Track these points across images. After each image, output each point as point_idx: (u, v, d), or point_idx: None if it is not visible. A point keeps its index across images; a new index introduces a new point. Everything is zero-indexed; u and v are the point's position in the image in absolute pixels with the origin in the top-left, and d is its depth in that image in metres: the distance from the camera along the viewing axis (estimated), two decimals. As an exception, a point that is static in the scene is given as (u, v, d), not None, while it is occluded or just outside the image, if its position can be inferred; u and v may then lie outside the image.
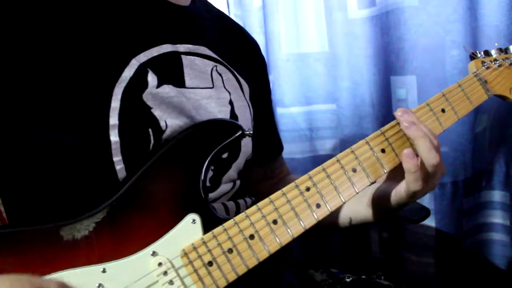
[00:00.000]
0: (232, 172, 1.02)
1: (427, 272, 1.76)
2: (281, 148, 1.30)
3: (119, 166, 0.84)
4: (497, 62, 1.01)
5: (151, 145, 0.86)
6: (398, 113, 0.85)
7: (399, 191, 0.88)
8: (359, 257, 1.88)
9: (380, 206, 0.96)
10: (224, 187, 1.00)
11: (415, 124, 0.83)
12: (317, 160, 1.80)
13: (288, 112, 1.81)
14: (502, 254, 1.73)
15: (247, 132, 0.87)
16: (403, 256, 1.80)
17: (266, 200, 0.79)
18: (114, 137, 0.84)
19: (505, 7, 1.50)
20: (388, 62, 1.69)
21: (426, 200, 1.69)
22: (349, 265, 1.89)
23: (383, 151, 0.85)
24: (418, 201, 1.44)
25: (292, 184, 0.81)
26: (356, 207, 1.01)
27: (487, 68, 0.99)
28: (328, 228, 1.08)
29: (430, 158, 0.82)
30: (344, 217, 1.05)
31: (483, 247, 1.76)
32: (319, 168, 0.83)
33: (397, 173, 0.87)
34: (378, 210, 0.97)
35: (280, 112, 1.81)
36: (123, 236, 0.76)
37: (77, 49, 0.84)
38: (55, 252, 0.73)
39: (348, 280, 1.16)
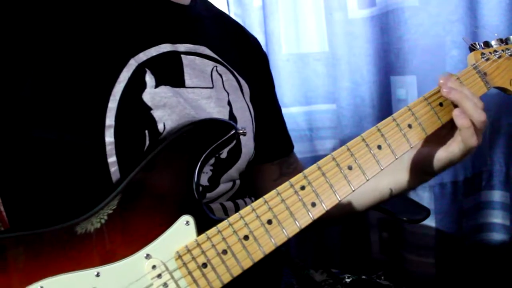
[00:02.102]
0: (233, 172, 1.02)
1: (427, 272, 1.76)
2: (292, 144, 1.30)
3: (114, 168, 0.84)
4: (497, 53, 0.98)
5: (145, 146, 0.86)
6: (440, 80, 0.89)
7: (451, 151, 0.90)
8: (359, 257, 1.88)
9: (424, 168, 0.96)
10: (223, 187, 1.00)
11: (454, 88, 0.87)
12: (317, 160, 1.79)
13: (288, 112, 1.81)
14: (502, 254, 1.73)
15: (241, 131, 0.86)
16: (403, 256, 1.80)
17: (260, 200, 0.78)
18: (109, 137, 0.83)
19: (505, 7, 1.50)
20: (388, 62, 1.69)
21: (426, 200, 1.69)
22: (349, 265, 1.89)
23: (379, 147, 0.85)
24: (418, 201, 1.45)
25: (286, 183, 0.80)
26: (396, 175, 1.01)
27: (487, 60, 0.96)
28: (368, 206, 1.09)
29: (478, 115, 0.85)
30: (383, 189, 1.04)
31: (483, 247, 1.76)
32: (314, 166, 0.82)
33: (438, 138, 0.92)
34: (420, 175, 0.98)
35: (280, 112, 1.82)
36: (116, 239, 0.75)
37: (75, 49, 0.84)
38: (48, 257, 0.73)
39: (348, 280, 1.15)
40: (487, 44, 1.01)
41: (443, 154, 0.92)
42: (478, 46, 0.99)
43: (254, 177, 1.16)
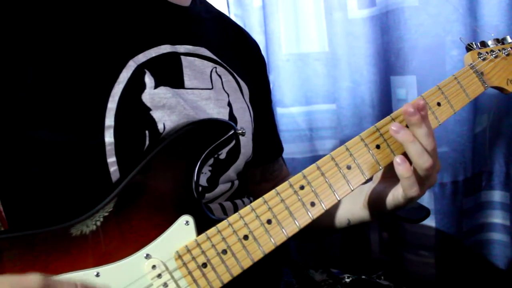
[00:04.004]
0: (231, 173, 1.02)
1: (427, 272, 1.75)
2: (280, 150, 1.29)
3: (113, 168, 0.84)
4: (494, 53, 0.99)
5: (145, 147, 0.86)
6: (405, 108, 0.82)
7: (396, 196, 0.87)
8: (359, 257, 1.88)
9: (377, 207, 0.95)
10: (222, 187, 1.00)
11: (403, 128, 0.82)
12: (317, 160, 1.79)
13: (288, 112, 1.82)
14: (502, 254, 1.73)
15: (240, 131, 0.87)
16: (403, 256, 1.79)
17: (260, 200, 0.78)
18: (109, 138, 0.83)
19: (505, 7, 1.50)
20: (388, 62, 1.69)
21: (426, 200, 1.69)
22: (349, 265, 1.89)
23: (377, 147, 0.84)
24: (418, 201, 1.45)
25: (286, 183, 0.80)
26: (353, 208, 1.01)
27: (484, 59, 0.97)
28: (326, 229, 1.08)
29: (422, 162, 0.81)
30: (342, 218, 1.05)
31: (483, 247, 1.76)
32: (313, 166, 0.82)
33: (393, 173, 0.85)
34: (375, 211, 0.96)
35: (280, 112, 1.82)
36: (116, 239, 0.75)
37: (75, 50, 0.84)
38: (47, 257, 0.73)
39: (348, 280, 1.15)
40: (483, 44, 1.01)
41: (390, 197, 0.89)
42: (475, 46, 1.00)
43: None
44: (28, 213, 0.89)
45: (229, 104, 1.01)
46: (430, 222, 1.70)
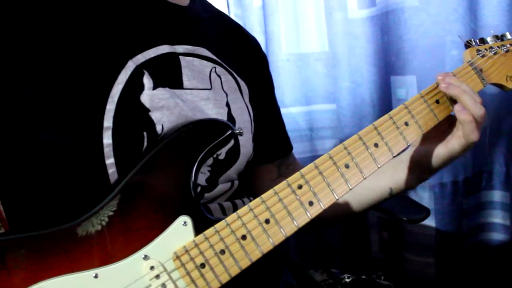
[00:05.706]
0: (232, 173, 1.02)
1: (427, 272, 1.76)
2: (290, 145, 1.30)
3: (112, 170, 0.84)
4: (493, 50, 0.98)
5: (143, 148, 0.86)
6: (439, 77, 0.90)
7: (451, 146, 0.90)
8: (359, 257, 1.88)
9: (423, 168, 0.96)
10: (222, 187, 1.00)
11: (453, 84, 0.88)
12: (317, 160, 1.81)
13: (288, 112, 1.82)
14: (502, 254, 1.73)
15: (237, 131, 0.86)
16: (403, 256, 1.80)
17: (258, 199, 0.78)
18: (107, 139, 0.83)
19: (505, 7, 1.50)
20: (388, 62, 1.69)
21: (426, 200, 1.69)
22: (349, 265, 1.89)
23: (376, 145, 0.84)
24: (418, 201, 1.45)
25: (283, 183, 0.79)
26: (395, 175, 1.01)
27: (483, 56, 0.96)
28: (364, 205, 1.10)
29: (477, 110, 0.86)
30: (383, 188, 1.04)
31: (483, 247, 1.76)
32: (311, 165, 0.81)
33: (436, 134, 0.92)
34: (420, 173, 0.98)
35: (280, 112, 1.82)
36: (114, 240, 0.75)
37: (74, 50, 0.84)
38: (46, 259, 0.72)
39: (348, 280, 1.15)
40: (482, 41, 1.01)
41: (442, 151, 0.92)
42: (474, 43, 0.99)
43: (252, 177, 1.16)
44: (28, 214, 0.89)
45: (227, 105, 1.01)
46: (430, 222, 1.71)
